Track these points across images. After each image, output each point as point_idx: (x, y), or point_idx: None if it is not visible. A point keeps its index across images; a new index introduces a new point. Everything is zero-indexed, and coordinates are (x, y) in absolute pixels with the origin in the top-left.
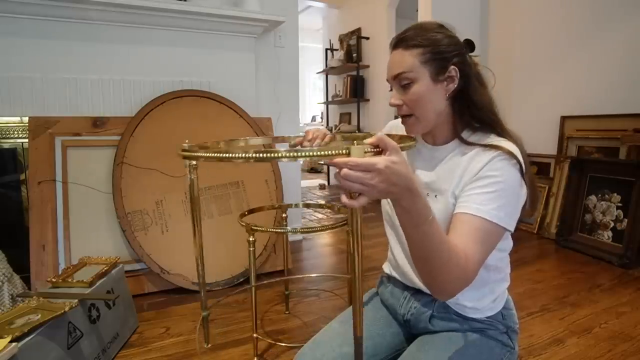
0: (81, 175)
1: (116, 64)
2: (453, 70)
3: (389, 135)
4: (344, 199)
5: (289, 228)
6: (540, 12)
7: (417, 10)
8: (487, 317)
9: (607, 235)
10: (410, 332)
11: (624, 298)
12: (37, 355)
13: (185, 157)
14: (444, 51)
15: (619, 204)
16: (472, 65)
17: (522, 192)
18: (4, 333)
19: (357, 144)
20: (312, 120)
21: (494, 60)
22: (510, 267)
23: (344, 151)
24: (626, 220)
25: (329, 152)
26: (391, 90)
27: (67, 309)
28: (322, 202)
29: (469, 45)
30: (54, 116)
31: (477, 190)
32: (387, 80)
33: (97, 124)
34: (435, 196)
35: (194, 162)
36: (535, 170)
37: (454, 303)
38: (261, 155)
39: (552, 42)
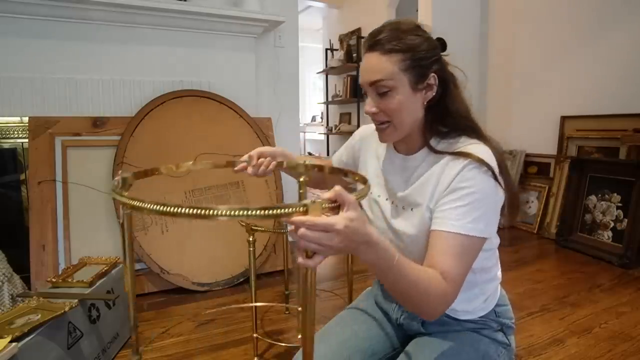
0: (81, 175)
1: (116, 64)
2: (432, 78)
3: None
4: (300, 259)
5: (289, 228)
6: (540, 13)
7: (417, 10)
8: (479, 317)
9: (607, 235)
10: (406, 333)
11: (624, 298)
12: (37, 355)
13: (122, 203)
14: (424, 57)
15: (619, 204)
16: (447, 68)
17: (498, 197)
18: (4, 333)
19: (314, 201)
20: (312, 120)
21: (494, 60)
22: (502, 265)
23: (301, 209)
24: (626, 220)
25: (285, 210)
26: (365, 94)
27: (67, 309)
28: None
29: (441, 44)
30: (54, 116)
31: (451, 205)
32: (361, 84)
33: (97, 124)
34: (412, 209)
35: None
36: (535, 170)
37: None
38: (198, 211)
39: (552, 42)
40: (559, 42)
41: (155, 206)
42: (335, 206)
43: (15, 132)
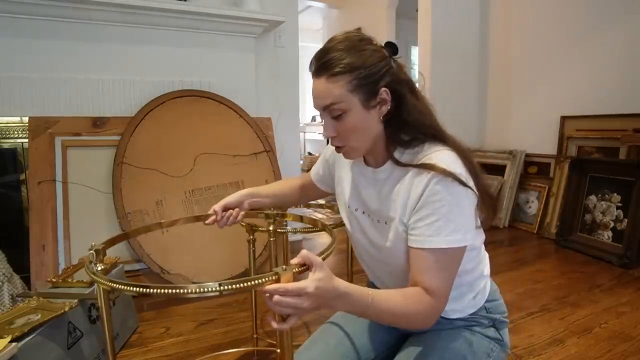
0: (81, 175)
1: (116, 64)
2: (384, 92)
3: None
4: (275, 324)
5: (289, 228)
6: (540, 12)
7: (417, 10)
8: (470, 315)
9: (607, 235)
10: (400, 332)
11: (624, 298)
12: (37, 355)
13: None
14: (372, 73)
15: (619, 204)
16: (401, 74)
17: (470, 200)
18: (4, 333)
19: (285, 268)
20: (312, 120)
21: (494, 60)
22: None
23: (273, 277)
24: (626, 220)
25: (257, 281)
26: (322, 119)
27: (67, 309)
28: (322, 202)
29: (392, 49)
30: (54, 116)
31: (425, 221)
32: (315, 108)
33: (97, 124)
34: (386, 223)
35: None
36: (535, 170)
37: None
38: (171, 291)
39: (552, 42)
40: (559, 42)
41: (131, 288)
42: (305, 268)
43: (15, 132)
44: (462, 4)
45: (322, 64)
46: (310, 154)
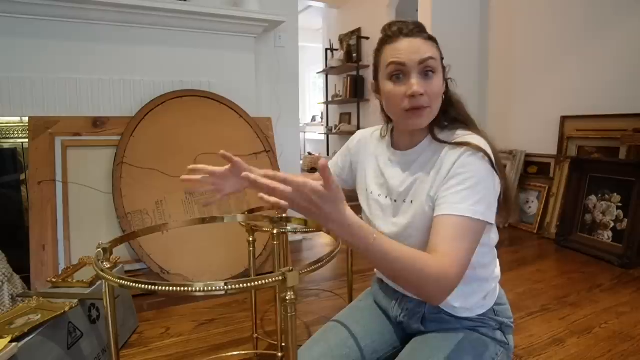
0: (81, 175)
1: (116, 64)
2: (446, 74)
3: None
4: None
5: (289, 228)
6: (540, 12)
7: (417, 10)
8: (478, 316)
9: (607, 235)
10: (405, 332)
11: (624, 298)
12: (37, 355)
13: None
14: (442, 57)
15: (619, 204)
16: None
17: (496, 183)
18: (4, 333)
19: (291, 269)
20: (312, 120)
21: (494, 60)
22: (502, 265)
23: (279, 278)
24: (626, 220)
25: (263, 281)
26: (397, 79)
27: (67, 309)
28: None
29: None
30: (54, 116)
31: (451, 190)
32: (402, 64)
33: (97, 124)
34: (411, 202)
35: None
36: (535, 170)
37: (444, 304)
38: (176, 289)
39: (552, 42)
40: (559, 42)
41: (138, 285)
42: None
43: (15, 132)
44: (462, 4)
45: (419, 27)
46: (310, 154)
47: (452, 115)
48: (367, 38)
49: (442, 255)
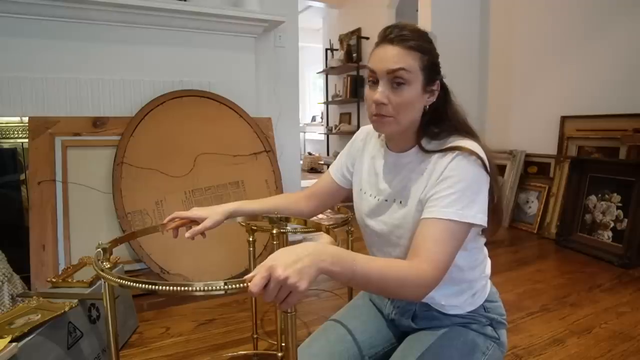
0: (81, 175)
1: (116, 64)
2: (437, 84)
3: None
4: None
5: (289, 228)
6: (540, 12)
7: (417, 10)
8: (468, 312)
9: (607, 235)
10: (399, 329)
11: (624, 298)
12: (37, 355)
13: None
14: (435, 64)
15: (619, 204)
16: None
17: (487, 186)
18: (4, 333)
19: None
20: (312, 120)
21: (494, 60)
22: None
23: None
24: (626, 220)
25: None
26: (372, 84)
27: (67, 309)
28: None
29: None
30: (54, 116)
31: (441, 193)
32: (373, 72)
33: (97, 124)
34: (400, 202)
35: None
36: (535, 170)
37: (433, 302)
38: (176, 289)
39: (552, 42)
40: (559, 42)
41: (139, 284)
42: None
43: (15, 132)
44: (462, 4)
45: (401, 35)
46: (310, 154)
47: (446, 126)
48: (367, 38)
49: (423, 260)
